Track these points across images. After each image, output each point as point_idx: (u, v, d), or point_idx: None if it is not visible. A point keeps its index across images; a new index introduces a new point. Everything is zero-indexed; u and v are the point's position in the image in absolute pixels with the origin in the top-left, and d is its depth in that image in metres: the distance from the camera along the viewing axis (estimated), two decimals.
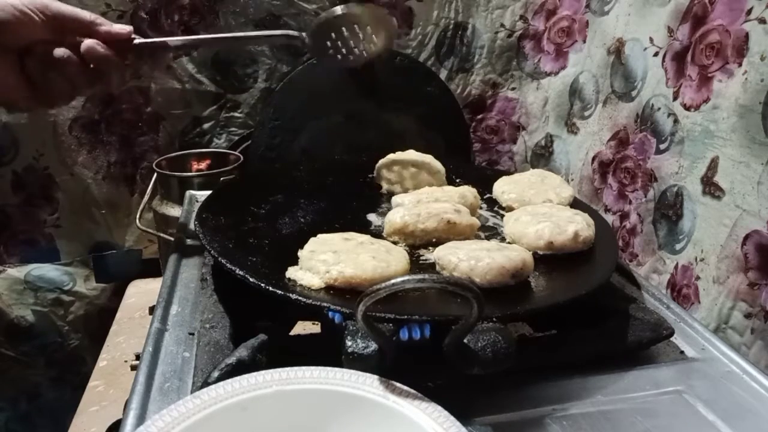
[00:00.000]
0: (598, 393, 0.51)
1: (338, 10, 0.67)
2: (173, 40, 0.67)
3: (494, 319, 0.48)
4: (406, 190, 0.76)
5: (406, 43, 1.11)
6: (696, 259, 0.74)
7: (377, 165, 0.80)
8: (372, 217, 0.73)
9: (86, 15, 0.59)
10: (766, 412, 0.50)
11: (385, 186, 0.79)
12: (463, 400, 0.45)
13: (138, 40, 0.62)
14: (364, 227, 0.69)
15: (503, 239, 0.67)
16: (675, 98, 0.79)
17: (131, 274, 1.12)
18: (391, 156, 0.80)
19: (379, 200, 0.77)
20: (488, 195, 0.79)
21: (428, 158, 0.80)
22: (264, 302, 0.54)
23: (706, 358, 0.57)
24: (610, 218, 0.92)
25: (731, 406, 0.50)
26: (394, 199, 0.74)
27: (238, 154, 1.04)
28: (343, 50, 0.68)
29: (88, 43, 0.58)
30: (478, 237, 0.67)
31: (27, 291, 1.09)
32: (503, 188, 0.76)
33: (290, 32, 0.70)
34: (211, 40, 0.84)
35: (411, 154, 0.81)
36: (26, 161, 1.03)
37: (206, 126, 1.10)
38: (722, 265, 0.69)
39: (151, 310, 0.62)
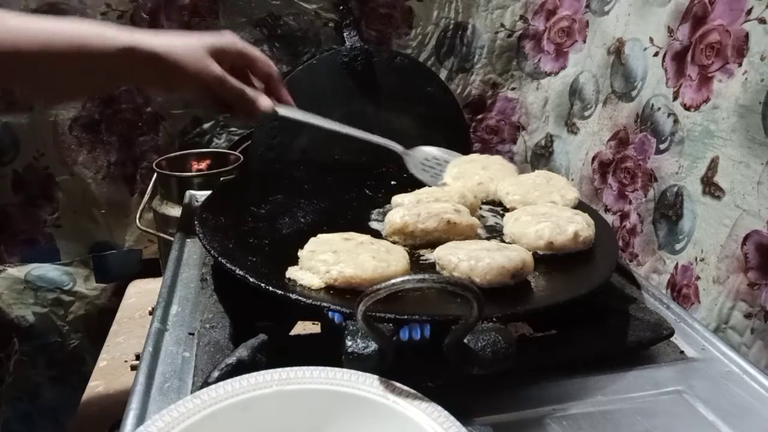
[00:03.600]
0: (598, 393, 0.51)
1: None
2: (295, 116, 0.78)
3: (494, 319, 0.48)
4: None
5: (406, 43, 1.11)
6: (696, 259, 0.74)
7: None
8: (372, 217, 0.73)
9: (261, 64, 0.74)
10: (766, 412, 0.50)
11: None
12: (463, 400, 0.45)
13: (281, 111, 0.75)
14: (364, 227, 0.69)
15: (503, 239, 0.67)
16: (675, 98, 0.79)
17: (131, 274, 1.12)
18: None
19: (379, 200, 0.77)
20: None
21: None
22: (264, 302, 0.54)
23: (706, 358, 0.57)
24: (610, 218, 0.92)
25: (731, 406, 0.50)
26: (394, 199, 0.74)
27: (238, 154, 1.04)
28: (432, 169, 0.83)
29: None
30: (478, 237, 0.67)
31: (27, 291, 1.09)
32: (508, 189, 0.76)
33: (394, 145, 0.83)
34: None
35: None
36: (26, 161, 1.03)
37: (206, 126, 1.10)
38: (722, 265, 0.69)
39: (152, 312, 0.62)
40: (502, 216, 0.71)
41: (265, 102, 0.73)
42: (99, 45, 0.62)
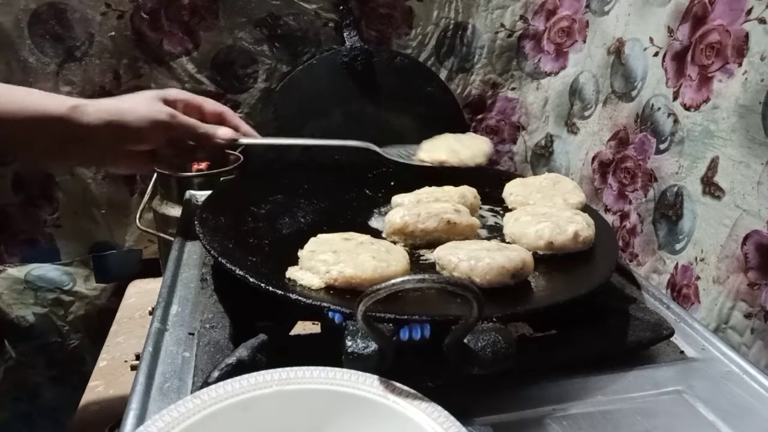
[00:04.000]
0: (598, 393, 0.51)
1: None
2: (259, 142, 0.81)
3: (494, 319, 0.48)
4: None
5: (406, 43, 1.11)
6: (696, 259, 0.74)
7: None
8: (372, 217, 0.73)
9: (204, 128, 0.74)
10: (766, 412, 0.50)
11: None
12: (463, 400, 0.45)
13: (242, 141, 0.77)
14: (364, 227, 0.69)
15: (503, 239, 0.67)
16: (675, 98, 0.79)
17: (131, 274, 1.12)
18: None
19: (379, 200, 0.77)
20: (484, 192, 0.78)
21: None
22: (264, 302, 0.54)
23: (706, 358, 0.57)
24: (610, 218, 0.92)
25: (731, 406, 0.50)
26: (394, 199, 0.74)
27: (238, 155, 1.03)
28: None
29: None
30: (478, 237, 0.67)
31: (27, 291, 1.09)
32: (511, 190, 0.76)
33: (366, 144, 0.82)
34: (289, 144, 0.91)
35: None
36: None
37: None
38: (722, 265, 0.69)
39: (152, 312, 0.62)
40: (502, 216, 0.71)
41: (224, 132, 0.75)
42: (49, 107, 0.64)
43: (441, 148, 0.81)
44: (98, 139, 0.67)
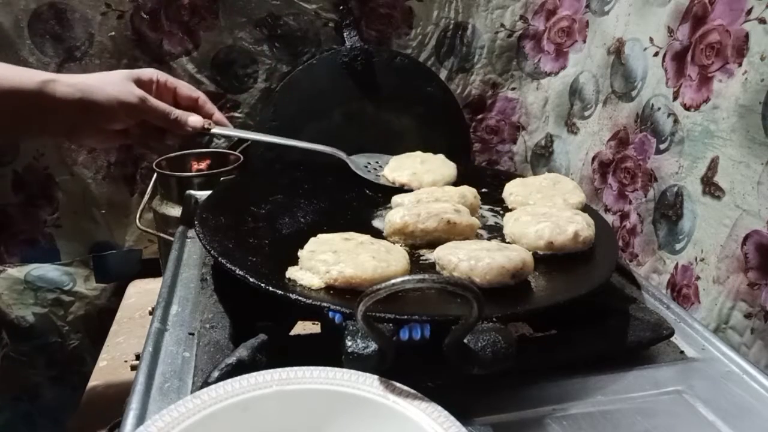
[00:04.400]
0: (598, 393, 0.51)
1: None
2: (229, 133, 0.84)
3: (494, 319, 0.48)
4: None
5: (406, 43, 1.11)
6: (696, 259, 0.74)
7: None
8: (372, 217, 0.73)
9: (171, 112, 0.74)
10: (766, 412, 0.50)
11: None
12: (463, 400, 0.45)
13: (214, 130, 0.79)
14: (364, 227, 0.69)
15: (504, 239, 0.67)
16: (675, 98, 0.79)
17: (131, 274, 1.12)
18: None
19: (379, 200, 0.78)
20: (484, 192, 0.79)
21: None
22: (264, 302, 0.54)
23: (706, 358, 0.57)
24: (610, 218, 0.92)
25: (731, 406, 0.50)
26: (394, 199, 0.74)
27: (238, 154, 1.03)
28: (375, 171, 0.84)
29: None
30: (478, 237, 0.67)
31: (27, 291, 1.09)
32: (511, 190, 0.76)
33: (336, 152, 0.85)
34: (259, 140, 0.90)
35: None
36: (26, 161, 1.03)
37: None
38: (722, 265, 0.69)
39: (152, 312, 0.62)
40: (502, 216, 0.71)
41: (195, 120, 0.76)
42: (18, 81, 0.64)
43: (405, 170, 0.82)
44: (68, 114, 0.67)
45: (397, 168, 0.83)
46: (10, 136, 0.82)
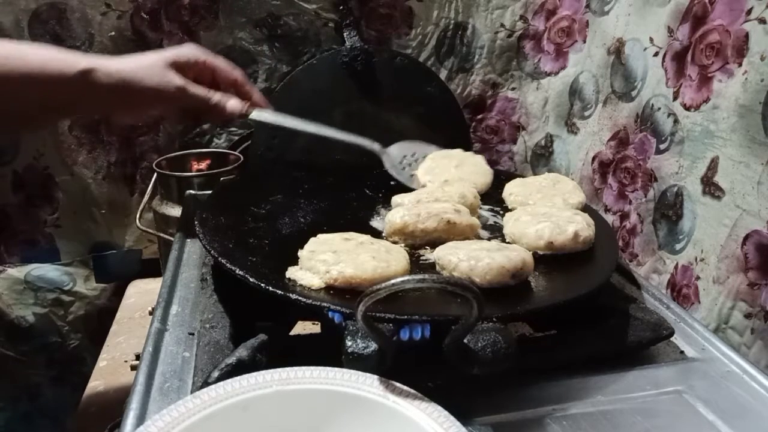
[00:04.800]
0: (598, 393, 0.51)
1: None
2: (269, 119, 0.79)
3: (494, 319, 0.48)
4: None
5: (406, 43, 1.11)
6: (696, 259, 0.74)
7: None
8: (372, 217, 0.73)
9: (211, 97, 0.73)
10: (766, 412, 0.50)
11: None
12: (463, 400, 0.45)
13: (252, 115, 0.77)
14: (364, 227, 0.69)
15: (504, 239, 0.67)
16: (675, 98, 0.79)
17: (131, 274, 1.12)
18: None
19: (379, 200, 0.78)
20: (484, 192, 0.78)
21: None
22: (264, 302, 0.54)
23: (706, 358, 0.57)
24: (610, 218, 0.92)
25: (731, 406, 0.50)
26: (394, 199, 0.74)
27: (238, 154, 1.03)
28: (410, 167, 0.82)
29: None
30: (478, 237, 0.67)
31: (27, 291, 1.09)
32: (511, 190, 0.76)
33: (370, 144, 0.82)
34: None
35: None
36: (26, 161, 1.03)
37: (206, 126, 1.09)
38: (722, 265, 0.69)
39: (152, 312, 0.62)
40: (502, 216, 0.71)
41: (233, 104, 0.74)
42: (59, 68, 0.63)
43: (437, 177, 0.79)
44: (107, 101, 0.68)
45: (430, 171, 0.81)
46: (48, 118, 0.80)
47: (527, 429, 0.47)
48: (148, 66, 0.68)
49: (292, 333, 0.61)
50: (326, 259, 0.55)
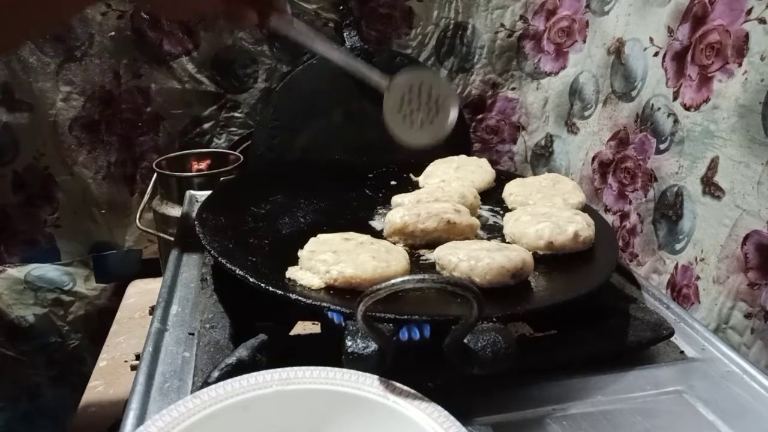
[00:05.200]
0: (598, 393, 0.51)
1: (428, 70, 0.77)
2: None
3: (494, 319, 0.48)
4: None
5: (406, 43, 1.11)
6: (696, 259, 0.74)
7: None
8: (372, 217, 0.73)
9: None
10: (766, 412, 0.50)
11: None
12: (463, 400, 0.45)
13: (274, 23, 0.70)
14: (364, 227, 0.69)
15: (503, 239, 0.67)
16: (675, 98, 0.79)
17: (131, 274, 1.12)
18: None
19: (379, 200, 0.78)
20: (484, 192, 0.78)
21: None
22: (264, 302, 0.54)
23: (706, 358, 0.57)
24: (610, 218, 0.92)
25: (731, 406, 0.50)
26: (394, 199, 0.74)
27: (238, 154, 1.04)
28: (410, 114, 0.76)
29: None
30: (478, 237, 0.67)
31: (27, 291, 1.09)
32: (511, 190, 0.76)
33: (378, 77, 0.76)
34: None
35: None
36: (26, 161, 1.03)
37: (206, 126, 1.10)
38: (722, 265, 0.69)
39: (152, 311, 0.62)
40: (502, 216, 0.71)
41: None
42: None
43: (435, 177, 0.80)
44: None
45: (431, 174, 0.82)
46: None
47: (527, 429, 0.47)
48: None
49: (292, 333, 0.61)
50: (326, 259, 0.55)
